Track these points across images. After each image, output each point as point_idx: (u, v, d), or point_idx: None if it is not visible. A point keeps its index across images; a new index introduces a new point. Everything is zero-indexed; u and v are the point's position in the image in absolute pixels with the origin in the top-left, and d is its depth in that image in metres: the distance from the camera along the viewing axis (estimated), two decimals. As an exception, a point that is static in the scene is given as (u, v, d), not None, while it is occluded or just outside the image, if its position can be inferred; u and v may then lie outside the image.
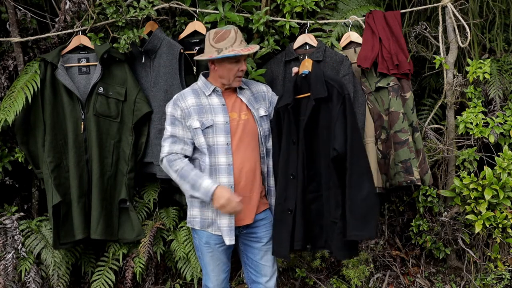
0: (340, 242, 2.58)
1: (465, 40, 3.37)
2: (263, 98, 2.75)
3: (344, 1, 3.45)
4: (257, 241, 2.71)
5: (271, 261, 2.76)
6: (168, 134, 2.60)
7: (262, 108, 2.71)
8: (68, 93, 3.07)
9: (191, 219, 2.68)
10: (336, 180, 2.58)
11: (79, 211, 3.07)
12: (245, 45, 2.59)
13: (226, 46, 2.54)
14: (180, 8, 3.21)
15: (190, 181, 2.50)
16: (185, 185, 2.53)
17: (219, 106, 2.61)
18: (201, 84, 2.67)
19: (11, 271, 3.07)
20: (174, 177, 2.57)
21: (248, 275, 2.83)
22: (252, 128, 2.64)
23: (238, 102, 2.67)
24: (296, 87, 2.72)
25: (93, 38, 3.10)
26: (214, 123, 2.56)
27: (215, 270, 2.70)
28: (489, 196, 3.26)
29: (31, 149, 3.14)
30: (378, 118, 3.16)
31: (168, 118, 2.62)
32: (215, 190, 2.46)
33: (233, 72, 2.58)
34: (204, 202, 2.59)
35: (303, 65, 2.75)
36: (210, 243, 2.64)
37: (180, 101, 2.61)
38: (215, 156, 2.56)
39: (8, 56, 3.28)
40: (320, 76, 2.63)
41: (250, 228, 2.68)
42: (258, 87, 2.78)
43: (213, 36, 2.58)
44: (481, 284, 3.55)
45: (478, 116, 3.42)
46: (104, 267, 3.29)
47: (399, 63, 3.17)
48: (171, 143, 2.58)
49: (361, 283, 3.55)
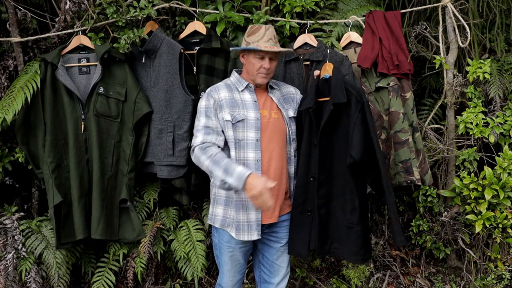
0: (357, 247, 2.62)
1: (465, 40, 3.37)
2: (292, 99, 2.77)
3: (344, 1, 3.45)
4: (276, 241, 2.72)
5: (286, 262, 2.78)
6: (202, 125, 2.57)
7: (291, 109, 2.73)
8: (69, 93, 3.07)
9: (213, 216, 2.66)
10: (353, 187, 2.61)
11: (79, 211, 3.07)
12: (273, 44, 2.59)
13: (253, 40, 2.58)
14: (180, 8, 3.21)
15: (223, 166, 2.39)
16: (217, 171, 2.40)
17: (251, 102, 2.62)
18: (234, 80, 2.69)
19: (11, 271, 3.07)
20: (206, 164, 2.45)
21: (260, 275, 2.83)
22: (281, 128, 2.66)
23: (269, 101, 2.69)
24: (318, 90, 2.75)
25: (93, 38, 3.10)
26: (246, 118, 2.57)
27: (232, 271, 2.69)
28: (489, 196, 3.26)
29: (31, 149, 3.14)
30: (378, 118, 3.16)
31: (202, 111, 2.60)
32: (248, 176, 2.33)
33: (255, 67, 2.59)
34: (228, 200, 2.58)
35: (324, 69, 2.77)
36: (232, 242, 2.62)
37: (213, 92, 2.62)
38: (244, 151, 2.56)
39: (8, 56, 3.28)
40: (340, 82, 2.65)
41: (272, 227, 2.69)
42: (288, 88, 2.80)
43: (248, 30, 2.64)
44: (481, 284, 3.55)
45: (478, 116, 3.42)
46: (105, 268, 3.29)
47: (399, 63, 3.17)
48: (204, 134, 2.55)
49: (361, 283, 3.55)
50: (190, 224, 3.35)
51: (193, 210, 3.55)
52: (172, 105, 3.06)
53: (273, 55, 2.60)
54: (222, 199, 2.62)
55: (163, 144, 3.08)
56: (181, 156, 3.05)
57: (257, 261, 2.85)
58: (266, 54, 2.58)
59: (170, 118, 3.07)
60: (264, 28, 2.60)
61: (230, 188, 2.40)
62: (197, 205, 3.55)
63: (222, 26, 3.15)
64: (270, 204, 2.31)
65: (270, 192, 2.30)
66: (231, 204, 2.60)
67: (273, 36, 2.62)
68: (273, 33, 2.62)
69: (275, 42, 2.62)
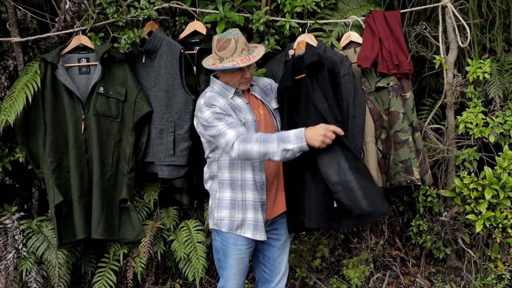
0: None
1: (465, 40, 3.37)
2: (271, 90, 2.78)
3: (344, 1, 3.45)
4: (276, 239, 2.73)
5: (286, 260, 2.80)
6: (224, 125, 2.44)
7: (273, 101, 2.74)
8: (69, 93, 3.07)
9: (218, 221, 2.62)
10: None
11: (80, 211, 3.07)
12: (247, 54, 2.53)
13: (227, 55, 2.51)
14: (180, 8, 3.21)
15: (276, 138, 2.34)
16: (272, 145, 2.32)
17: (244, 105, 2.62)
18: (219, 88, 2.63)
19: (12, 271, 3.07)
20: (256, 148, 2.34)
21: (261, 275, 2.83)
22: (270, 122, 2.67)
23: (254, 99, 2.69)
24: (294, 68, 2.74)
25: (93, 38, 3.10)
26: (246, 122, 2.56)
27: (237, 273, 2.67)
28: (489, 196, 3.26)
29: (31, 149, 3.14)
30: (378, 118, 3.16)
31: (211, 119, 2.48)
32: (305, 132, 2.32)
33: (236, 79, 2.57)
34: (234, 203, 2.57)
35: (298, 47, 2.77)
36: (238, 244, 2.60)
37: (212, 101, 2.54)
38: None
39: (8, 56, 3.28)
40: (315, 52, 2.68)
41: (273, 225, 2.70)
42: (263, 81, 2.81)
43: (216, 43, 2.55)
44: (481, 284, 3.55)
45: (478, 116, 3.42)
46: (105, 269, 3.29)
47: (399, 63, 3.17)
48: (233, 128, 2.43)
49: (361, 283, 3.55)
50: (191, 225, 3.35)
51: (193, 210, 3.54)
52: (173, 105, 3.06)
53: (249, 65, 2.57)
54: (227, 203, 2.60)
55: (164, 144, 3.08)
56: (182, 156, 3.05)
57: (257, 262, 2.84)
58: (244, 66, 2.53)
59: (171, 118, 3.07)
60: (233, 40, 2.51)
61: (294, 154, 2.34)
62: (197, 205, 3.54)
63: (222, 26, 3.15)
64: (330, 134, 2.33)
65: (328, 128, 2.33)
66: (237, 206, 2.58)
67: (244, 43, 2.55)
68: (243, 41, 2.54)
69: (248, 50, 2.55)
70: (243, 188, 2.57)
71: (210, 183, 2.69)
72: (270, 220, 2.68)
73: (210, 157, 2.64)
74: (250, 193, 2.56)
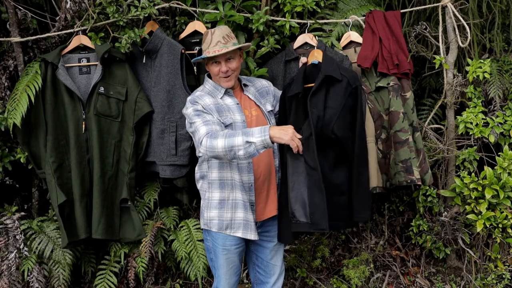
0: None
1: (465, 40, 3.37)
2: (267, 92, 2.77)
3: (344, 1, 3.45)
4: (269, 241, 2.73)
5: (281, 261, 2.79)
6: (200, 122, 2.48)
7: (268, 103, 2.73)
8: (69, 93, 3.07)
9: (208, 221, 2.64)
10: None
11: (81, 210, 3.07)
12: (221, 46, 2.53)
13: (205, 48, 2.58)
14: (180, 8, 3.21)
15: (241, 132, 2.36)
16: (236, 139, 2.33)
17: (234, 105, 2.62)
18: (210, 87, 2.66)
19: (14, 270, 3.07)
20: (222, 143, 2.35)
21: (256, 276, 2.83)
22: (263, 123, 2.64)
23: (247, 100, 2.69)
24: (306, 76, 2.73)
25: (94, 38, 3.10)
26: (233, 122, 2.57)
27: (228, 273, 2.68)
28: (489, 196, 3.26)
29: (32, 149, 3.13)
30: (378, 117, 3.16)
31: (192, 115, 2.53)
32: (271, 126, 2.36)
33: (215, 73, 2.61)
34: (223, 202, 2.58)
35: (312, 55, 2.76)
36: (226, 244, 2.62)
37: (198, 99, 2.58)
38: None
39: (8, 56, 3.28)
40: (334, 62, 2.67)
41: (264, 227, 2.70)
42: (261, 82, 2.80)
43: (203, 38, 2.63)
44: (481, 284, 3.55)
45: (478, 116, 3.42)
46: (106, 270, 3.28)
47: (399, 63, 3.17)
48: (206, 125, 2.46)
49: (361, 283, 3.56)
50: (191, 224, 3.35)
51: (193, 210, 3.55)
52: (175, 105, 3.06)
53: (229, 55, 2.56)
54: (215, 203, 2.61)
55: (166, 144, 3.08)
56: (184, 156, 3.05)
57: (251, 263, 2.85)
58: (219, 58, 2.55)
59: (173, 118, 3.07)
60: (210, 33, 2.56)
61: (256, 148, 2.33)
62: (196, 204, 3.54)
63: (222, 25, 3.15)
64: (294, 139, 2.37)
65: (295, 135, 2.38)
66: (226, 205, 2.59)
67: (222, 36, 2.55)
68: (222, 34, 2.55)
69: (225, 42, 2.55)
70: (233, 188, 2.58)
71: (201, 183, 2.71)
72: (261, 222, 2.68)
73: (201, 156, 2.65)
74: (239, 192, 2.57)
